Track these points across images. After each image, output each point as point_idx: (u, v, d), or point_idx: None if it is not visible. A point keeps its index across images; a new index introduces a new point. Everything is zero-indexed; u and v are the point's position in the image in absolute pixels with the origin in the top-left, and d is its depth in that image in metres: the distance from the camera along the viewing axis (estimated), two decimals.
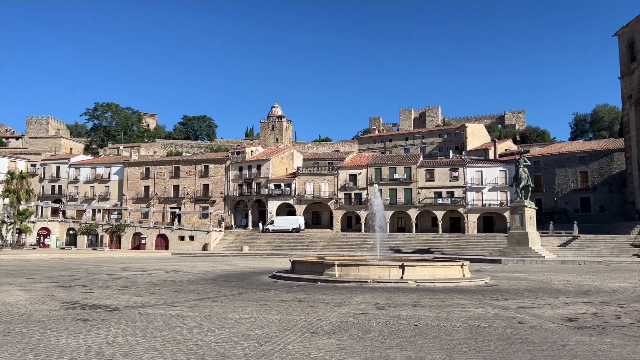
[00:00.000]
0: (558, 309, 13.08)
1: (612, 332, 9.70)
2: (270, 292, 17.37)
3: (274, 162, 77.94)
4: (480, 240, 59.10)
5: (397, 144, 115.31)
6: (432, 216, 69.18)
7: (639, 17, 64.02)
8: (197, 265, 35.09)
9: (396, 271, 20.53)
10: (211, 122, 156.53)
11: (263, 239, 67.18)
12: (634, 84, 65.44)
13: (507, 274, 27.10)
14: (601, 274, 27.88)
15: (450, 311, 12.57)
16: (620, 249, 48.87)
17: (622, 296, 16.35)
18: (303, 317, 11.50)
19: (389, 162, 73.68)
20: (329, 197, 72.35)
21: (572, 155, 73.28)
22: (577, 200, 71.13)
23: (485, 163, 71.25)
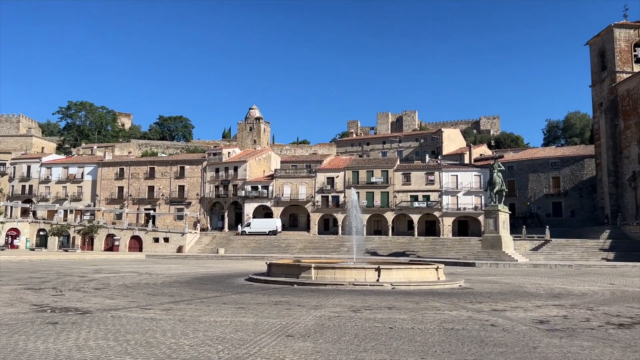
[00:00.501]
0: (530, 312, 13.32)
1: (581, 335, 9.92)
2: (245, 295, 17.24)
3: (251, 164, 77.56)
4: (455, 243, 59.84)
5: (374, 147, 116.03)
6: (408, 219, 69.79)
7: (609, 28, 65.96)
8: (172, 268, 34.63)
9: (372, 274, 20.62)
10: (188, 122, 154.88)
11: (239, 241, 66.74)
12: (604, 92, 67.32)
13: (481, 277, 27.48)
14: (572, 277, 28.51)
15: (425, 314, 12.67)
16: (590, 253, 50.09)
17: (592, 299, 16.73)
18: (279, 320, 11.44)
19: (367, 166, 74.09)
20: (306, 200, 72.33)
21: (545, 161, 74.95)
22: (549, 205, 72.75)
23: (460, 167, 72.26)
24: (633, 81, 61.90)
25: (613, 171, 63.56)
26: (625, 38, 65.38)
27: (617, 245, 51.17)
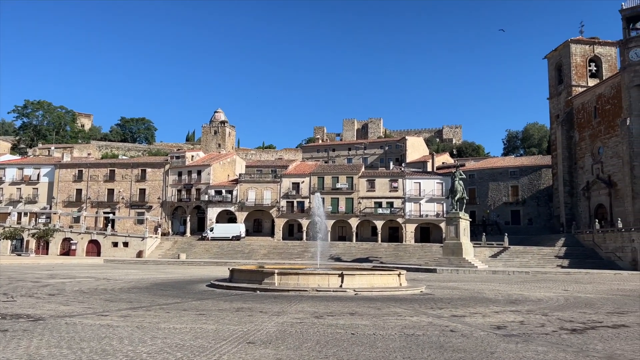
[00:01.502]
0: (488, 318, 13.62)
1: (536, 340, 10.21)
2: (206, 301, 16.98)
3: (215, 168, 76.64)
4: (417, 249, 60.69)
5: (340, 153, 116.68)
6: (372, 225, 70.38)
7: (566, 43, 68.61)
8: (131, 273, 33.78)
9: (335, 280, 20.68)
10: (150, 124, 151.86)
11: (201, 246, 65.73)
12: (560, 104, 69.91)
13: (442, 283, 27.96)
14: (528, 283, 29.35)
15: (386, 320, 12.78)
16: (546, 260, 51.69)
17: (547, 305, 17.26)
18: (240, 326, 11.31)
19: (332, 172, 74.38)
20: (271, 205, 71.96)
21: (504, 170, 77.08)
22: (508, 213, 74.79)
23: (423, 175, 73.45)
24: (587, 95, 64.53)
25: (568, 181, 65.95)
26: (580, 53, 68.12)
27: (571, 252, 53.01)
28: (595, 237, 53.59)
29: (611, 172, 58.42)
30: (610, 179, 58.33)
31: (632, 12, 56.82)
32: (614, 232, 51.08)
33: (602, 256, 51.38)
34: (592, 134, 62.90)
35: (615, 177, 57.59)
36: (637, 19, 57.09)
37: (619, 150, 56.62)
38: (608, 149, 59.48)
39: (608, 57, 68.37)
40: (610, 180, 58.37)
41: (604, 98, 61.08)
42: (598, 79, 66.36)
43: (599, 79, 65.91)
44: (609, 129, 59.58)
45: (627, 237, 48.62)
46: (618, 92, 57.76)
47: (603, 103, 61.07)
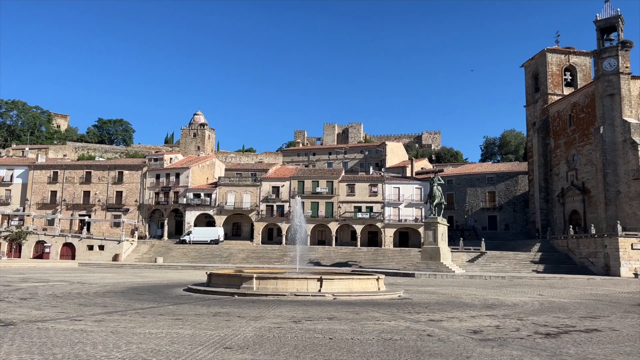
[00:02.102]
0: (465, 322, 13.76)
1: (511, 344, 10.35)
2: (183, 305, 16.78)
3: (194, 171, 75.96)
4: (396, 254, 61.02)
5: (320, 158, 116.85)
6: (351, 230, 70.56)
7: (542, 52, 70.06)
8: (106, 277, 33.21)
9: (314, 284, 20.66)
10: (128, 126, 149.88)
11: (179, 250, 64.99)
12: (537, 112, 71.29)
13: (420, 288, 28.15)
14: (505, 288, 29.75)
15: (364, 324, 12.81)
16: (522, 265, 52.48)
17: (522, 310, 17.52)
18: (217, 331, 11.21)
19: (312, 176, 74.39)
20: (250, 209, 71.58)
21: (482, 176, 78.18)
22: (485, 218, 75.81)
23: (402, 180, 74.00)
24: (563, 103, 65.94)
25: (544, 187, 67.20)
26: (556, 62, 69.63)
27: (546, 257, 53.94)
28: (570, 242, 54.65)
29: (585, 179, 59.72)
30: (584, 185, 59.62)
31: (606, 23, 58.33)
32: (587, 238, 52.16)
33: (576, 261, 52.41)
34: (567, 141, 64.25)
35: (589, 184, 58.88)
36: (610, 30, 58.62)
37: (593, 157, 57.94)
38: (582, 157, 60.82)
39: (583, 67, 70.03)
40: (584, 187, 59.66)
41: (578, 107, 62.48)
42: (573, 87, 67.88)
43: (574, 88, 67.42)
44: (583, 137, 60.95)
45: (600, 243, 49.72)
46: (592, 101, 59.16)
47: (578, 111, 62.47)
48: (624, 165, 54.39)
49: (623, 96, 55.53)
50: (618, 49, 56.19)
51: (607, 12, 58.82)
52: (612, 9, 58.66)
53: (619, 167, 54.82)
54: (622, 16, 57.74)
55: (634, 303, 20.97)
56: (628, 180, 53.81)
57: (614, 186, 54.87)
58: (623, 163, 54.48)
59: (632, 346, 10.48)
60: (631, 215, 52.77)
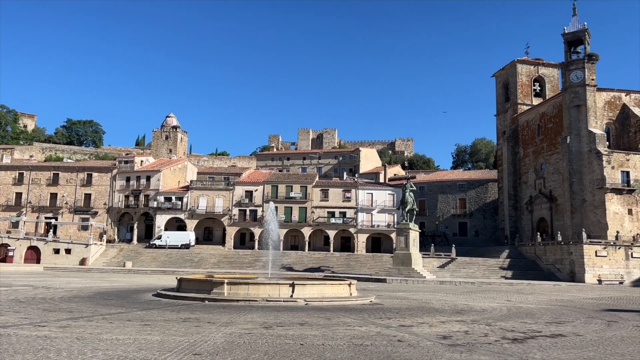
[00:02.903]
0: (435, 328, 13.91)
1: (480, 349, 10.50)
2: (152, 311, 16.48)
3: (165, 174, 74.87)
4: (369, 259, 61.34)
5: (294, 162, 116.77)
6: (324, 235, 70.64)
7: (512, 63, 71.79)
8: (73, 282, 32.37)
9: (286, 290, 20.58)
10: (98, 127, 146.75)
11: (149, 254, 63.86)
12: (506, 121, 72.91)
13: (391, 293, 28.34)
14: (474, 294, 30.20)
15: (335, 330, 12.81)
16: (491, 271, 53.42)
17: (491, 315, 17.81)
18: (186, 337, 11.04)
19: (286, 181, 74.23)
20: (223, 213, 70.91)
21: (453, 183, 79.45)
22: (456, 224, 76.99)
23: (375, 186, 74.54)
24: (532, 113, 67.64)
25: (513, 195, 68.69)
26: (526, 73, 71.44)
27: (514, 264, 55.06)
28: (537, 249, 55.93)
29: (552, 187, 61.29)
30: (552, 194, 61.18)
31: (573, 36, 60.17)
32: (554, 245, 53.49)
33: (543, 268, 53.66)
34: (535, 150, 65.87)
35: (555, 193, 60.45)
36: (578, 43, 60.47)
37: (560, 166, 59.54)
38: (550, 165, 62.42)
39: (551, 78, 72.04)
40: (551, 195, 61.20)
41: (546, 117, 64.18)
42: (542, 98, 69.74)
43: (542, 98, 69.27)
44: (550, 146, 62.58)
45: (566, 250, 51.05)
46: (560, 112, 60.85)
47: (546, 121, 64.15)
48: (589, 175, 56.05)
49: (589, 107, 57.30)
50: (585, 62, 58.00)
51: (575, 25, 60.69)
52: (580, 23, 60.57)
53: (584, 176, 56.48)
54: (588, 30, 59.67)
55: (598, 309, 21.56)
56: (593, 189, 55.48)
57: (579, 195, 56.48)
58: (588, 172, 56.14)
59: (595, 351, 10.78)
60: (595, 223, 54.37)
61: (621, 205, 54.92)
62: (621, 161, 56.03)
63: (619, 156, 56.22)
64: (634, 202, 55.41)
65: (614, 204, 54.59)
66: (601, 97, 59.62)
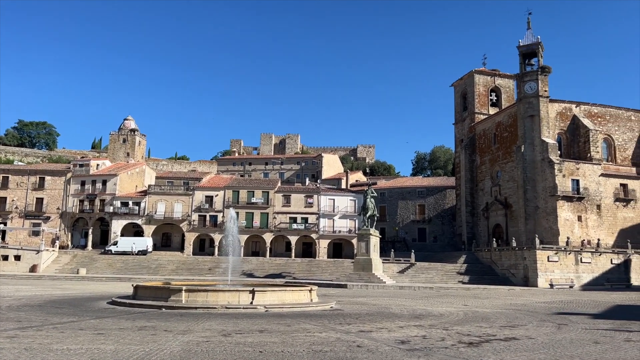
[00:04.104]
0: (393, 332, 14.06)
1: (436, 353, 10.69)
2: (106, 319, 15.97)
3: (122, 178, 72.93)
4: (330, 265, 61.49)
5: (256, 167, 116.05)
6: (286, 241, 70.39)
7: (470, 73, 73.85)
8: (22, 289, 30.97)
9: (246, 297, 20.35)
10: (52, 129, 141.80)
11: (104, 261, 61.90)
12: (464, 130, 74.84)
13: (352, 299, 28.48)
14: (432, 299, 30.74)
15: (295, 336, 12.76)
16: (449, 276, 54.52)
17: (448, 319, 18.16)
18: (142, 346, 10.75)
19: (248, 186, 73.63)
20: (181, 219, 69.59)
21: (413, 190, 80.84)
22: (415, 230, 78.29)
23: (337, 192, 74.96)
24: (488, 122, 69.70)
25: (470, 201, 70.48)
26: (483, 83, 73.64)
27: (471, 269, 56.39)
28: (493, 254, 57.49)
29: (507, 194, 63.24)
30: (507, 201, 63.10)
31: (528, 49, 62.47)
32: (508, 251, 55.12)
33: (498, 273, 55.18)
34: (491, 158, 67.85)
35: (510, 200, 62.39)
36: (532, 56, 62.80)
37: (514, 174, 61.52)
38: (505, 173, 64.42)
39: (507, 89, 74.51)
40: (506, 202, 63.12)
41: (502, 126, 66.27)
42: (498, 108, 72.00)
43: (498, 108, 71.52)
44: (506, 154, 64.61)
45: (520, 255, 52.70)
46: (514, 121, 62.95)
47: (501, 130, 66.22)
48: (542, 182, 58.15)
49: (542, 117, 59.54)
50: (538, 74, 60.30)
51: (529, 38, 63.04)
52: (534, 36, 62.96)
53: (537, 184, 58.55)
54: (542, 43, 62.08)
55: (549, 312, 22.34)
56: (545, 196, 57.57)
57: (533, 202, 58.49)
58: (541, 180, 58.24)
59: (545, 353, 11.15)
60: (548, 229, 56.40)
61: (571, 212, 57.20)
62: (572, 170, 58.42)
63: (569, 165, 58.60)
64: (583, 209, 57.82)
65: (565, 211, 56.81)
66: (553, 108, 62.07)
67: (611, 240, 57.48)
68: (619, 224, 58.86)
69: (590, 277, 51.85)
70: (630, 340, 13.59)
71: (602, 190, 58.95)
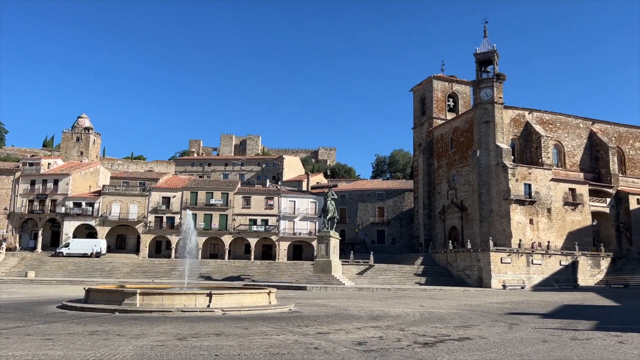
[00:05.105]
0: (351, 334, 14.16)
1: (392, 354, 10.83)
2: (56, 324, 15.38)
3: (75, 178, 70.49)
4: (290, 267, 61.37)
5: (216, 168, 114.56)
6: (245, 243, 69.76)
7: (429, 79, 75.44)
8: None
9: (203, 299, 20.05)
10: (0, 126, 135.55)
11: (55, 263, 59.59)
12: (423, 134, 76.34)
13: (311, 301, 28.50)
14: (390, 300, 31.14)
15: (252, 339, 12.66)
16: (406, 277, 55.40)
17: (404, 320, 18.44)
18: (93, 352, 10.41)
19: (207, 187, 72.55)
20: (137, 220, 67.84)
21: (372, 192, 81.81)
22: (375, 232, 79.22)
23: (298, 194, 74.94)
24: (445, 127, 71.36)
25: (427, 204, 71.93)
26: (441, 89, 75.37)
27: (428, 270, 57.50)
28: (449, 256, 58.83)
29: (463, 197, 64.89)
30: (463, 204, 64.74)
31: (484, 56, 64.37)
32: (464, 253, 56.54)
33: (454, 274, 56.50)
34: (448, 162, 69.48)
35: (466, 203, 64.04)
36: (488, 63, 64.72)
37: (470, 178, 63.21)
38: (461, 177, 66.09)
39: (464, 95, 76.53)
40: (462, 205, 64.76)
41: (459, 131, 67.98)
42: (455, 113, 73.82)
43: (455, 114, 73.33)
44: (462, 159, 66.31)
45: (475, 257, 54.15)
46: (471, 127, 64.70)
47: (458, 135, 67.93)
48: (496, 186, 59.97)
49: (497, 123, 61.45)
50: (493, 81, 62.22)
51: (485, 46, 64.97)
52: (490, 44, 64.93)
53: (492, 187, 60.35)
54: (497, 51, 64.11)
55: (501, 312, 23.04)
56: (499, 199, 59.39)
57: (487, 205, 60.24)
58: (495, 184, 60.06)
59: (497, 352, 11.49)
60: (501, 232, 58.19)
61: (524, 215, 59.23)
62: (524, 174, 60.53)
63: (522, 170, 60.70)
64: (534, 212, 59.97)
65: (517, 214, 58.76)
66: (507, 115, 64.18)
67: (560, 242, 59.85)
68: (568, 226, 61.38)
69: (541, 278, 53.83)
70: (576, 338, 14.18)
71: (552, 194, 61.31)
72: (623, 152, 70.82)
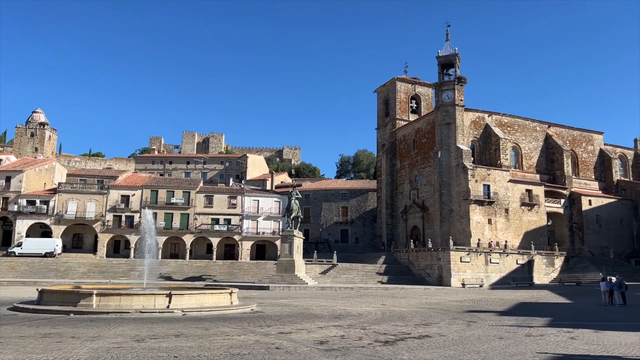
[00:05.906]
0: (313, 333, 14.17)
1: (354, 353, 10.90)
2: (6, 327, 14.75)
3: (29, 175, 67.84)
4: (253, 267, 60.92)
5: (177, 167, 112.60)
6: (207, 243, 68.81)
7: (393, 80, 76.38)
8: None
9: (162, 300, 19.67)
10: None
11: (6, 264, 57.13)
12: (386, 135, 77.25)
13: (273, 300, 28.40)
14: (352, 299, 31.37)
15: (213, 340, 12.49)
16: (369, 276, 55.91)
17: (366, 319, 18.60)
18: (45, 355, 10.04)
19: (168, 185, 71.17)
20: (95, 219, 65.87)
21: (336, 192, 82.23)
22: (338, 231, 79.66)
23: (262, 193, 74.48)
24: (408, 128, 72.43)
25: (390, 204, 72.84)
26: (404, 90, 76.44)
27: (390, 269, 58.21)
28: (410, 255, 59.74)
29: (425, 198, 66.03)
30: (424, 204, 65.88)
31: (446, 59, 65.67)
32: (425, 252, 57.53)
33: (415, 273, 57.42)
34: (410, 163, 70.55)
35: (427, 203, 65.20)
36: (450, 66, 66.08)
37: (431, 179, 64.38)
38: (423, 178, 67.23)
39: (426, 96, 77.85)
40: (423, 205, 65.89)
41: (421, 132, 69.12)
42: (418, 114, 74.99)
43: (418, 115, 74.50)
44: (424, 159, 67.46)
45: (435, 256, 55.19)
46: (432, 128, 65.90)
47: (420, 137, 69.06)
48: (456, 187, 61.30)
49: (457, 125, 62.81)
50: (455, 84, 63.57)
51: (447, 50, 66.30)
52: (452, 48, 66.31)
53: (452, 188, 61.65)
54: (459, 55, 65.52)
55: (460, 310, 23.55)
56: (459, 200, 60.74)
57: (448, 205, 61.51)
58: (456, 185, 61.39)
59: (455, 349, 11.73)
60: (461, 231, 59.52)
61: (482, 215, 60.77)
62: (483, 175, 62.11)
63: (481, 171, 62.27)
64: (493, 212, 61.63)
65: (476, 214, 60.25)
66: (468, 117, 65.69)
67: (517, 242, 61.73)
68: (524, 226, 63.37)
69: (498, 276, 55.37)
70: (531, 335, 14.64)
71: (510, 195, 63.15)
72: (576, 155, 73.67)
